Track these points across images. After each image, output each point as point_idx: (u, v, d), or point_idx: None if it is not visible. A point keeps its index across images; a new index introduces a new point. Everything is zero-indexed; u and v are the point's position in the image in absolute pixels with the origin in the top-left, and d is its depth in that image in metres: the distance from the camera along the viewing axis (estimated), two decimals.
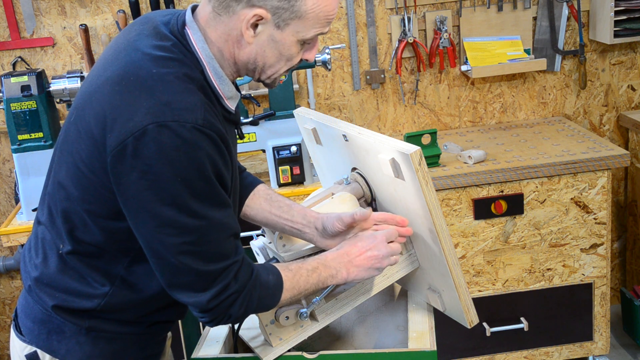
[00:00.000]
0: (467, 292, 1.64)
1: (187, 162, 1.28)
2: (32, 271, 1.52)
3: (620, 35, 3.06)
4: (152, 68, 1.33)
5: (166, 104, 1.29)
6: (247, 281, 1.42)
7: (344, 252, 1.57)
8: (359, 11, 3.13)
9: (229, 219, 1.39)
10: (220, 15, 1.36)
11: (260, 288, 1.44)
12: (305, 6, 1.35)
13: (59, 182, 1.45)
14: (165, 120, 1.27)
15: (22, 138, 2.62)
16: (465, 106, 3.29)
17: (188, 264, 1.34)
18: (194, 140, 1.28)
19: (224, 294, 1.38)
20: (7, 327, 3.41)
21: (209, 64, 1.39)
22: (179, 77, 1.33)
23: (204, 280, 1.37)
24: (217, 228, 1.36)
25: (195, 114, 1.30)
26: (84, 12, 3.03)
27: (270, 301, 1.48)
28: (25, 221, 2.67)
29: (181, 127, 1.27)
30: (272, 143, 2.74)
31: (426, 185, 1.50)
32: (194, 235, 1.33)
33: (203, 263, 1.35)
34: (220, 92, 1.42)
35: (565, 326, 2.96)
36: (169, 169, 1.27)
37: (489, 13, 3.14)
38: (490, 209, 2.79)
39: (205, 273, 1.36)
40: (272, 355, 1.61)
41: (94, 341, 1.49)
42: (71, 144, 1.42)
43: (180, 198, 1.30)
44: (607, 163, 2.76)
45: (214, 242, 1.36)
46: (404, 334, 1.71)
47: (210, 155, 1.31)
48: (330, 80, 3.20)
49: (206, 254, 1.36)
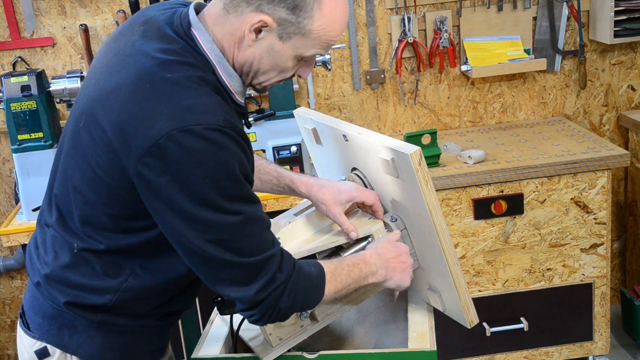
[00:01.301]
0: (467, 292, 1.64)
1: (214, 163, 1.30)
2: (41, 268, 1.53)
3: (620, 35, 3.06)
4: (166, 73, 1.34)
5: (186, 108, 1.30)
6: (291, 272, 1.44)
7: (380, 252, 1.61)
8: (359, 11, 3.13)
9: (261, 212, 1.42)
10: (229, 13, 1.37)
11: (305, 279, 1.46)
12: (311, 25, 1.36)
13: (73, 186, 1.46)
14: (188, 125, 1.29)
15: (22, 138, 2.62)
16: (465, 106, 3.29)
17: (229, 259, 1.36)
18: (218, 142, 1.30)
19: (271, 285, 1.40)
20: (7, 327, 3.41)
21: (219, 64, 1.41)
22: (194, 81, 1.35)
23: (249, 273, 1.39)
24: (252, 222, 1.38)
25: (216, 116, 1.32)
26: (84, 12, 3.03)
27: (316, 293, 1.49)
28: (25, 221, 2.67)
29: (204, 130, 1.29)
30: (272, 143, 2.74)
31: (426, 185, 1.50)
32: (231, 231, 1.35)
33: (244, 256, 1.37)
34: (232, 88, 1.44)
35: (565, 326, 2.96)
36: (197, 171, 1.30)
37: (489, 13, 3.14)
38: (490, 209, 2.79)
39: (248, 265, 1.38)
40: (272, 355, 1.62)
41: (105, 335, 1.51)
42: (85, 149, 1.42)
43: (212, 198, 1.32)
44: (607, 163, 2.76)
45: (252, 236, 1.38)
46: (404, 334, 1.71)
47: (235, 154, 1.34)
48: (330, 80, 3.20)
49: (246, 248, 1.38)
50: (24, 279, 3.30)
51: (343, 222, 1.64)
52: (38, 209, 2.62)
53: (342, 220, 1.64)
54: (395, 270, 1.61)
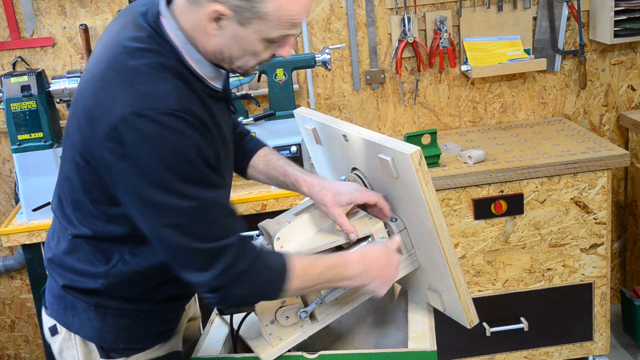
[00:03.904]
0: (467, 292, 1.64)
1: (168, 147, 1.34)
2: (47, 252, 1.65)
3: (620, 35, 3.06)
4: (130, 61, 1.39)
5: (143, 94, 1.35)
6: (253, 261, 1.44)
7: (367, 259, 1.60)
8: (359, 11, 3.13)
9: (222, 198, 1.44)
10: (191, 4, 1.40)
11: (268, 270, 1.47)
12: (265, 8, 1.36)
13: (65, 175, 1.54)
14: (141, 109, 1.33)
15: (22, 138, 2.62)
16: (465, 106, 3.29)
17: (187, 244, 1.39)
18: (171, 126, 1.34)
19: (228, 272, 1.41)
20: (7, 327, 3.41)
21: (185, 49, 1.43)
22: (154, 67, 1.38)
23: (206, 259, 1.40)
24: (210, 207, 1.40)
25: (169, 100, 1.35)
26: (84, 12, 3.03)
27: (278, 285, 1.49)
28: (25, 221, 2.67)
29: (157, 115, 1.33)
30: (272, 143, 2.73)
31: (426, 185, 1.50)
32: (188, 216, 1.37)
33: (202, 242, 1.39)
34: (202, 74, 1.46)
35: (565, 326, 2.96)
36: (153, 155, 1.33)
37: (489, 13, 3.14)
38: (490, 209, 2.79)
39: (207, 251, 1.40)
40: (272, 355, 1.62)
41: (102, 317, 1.57)
42: (69, 138, 1.51)
43: (167, 182, 1.35)
44: (607, 163, 2.76)
45: (210, 222, 1.40)
46: (404, 334, 1.71)
47: (191, 138, 1.36)
48: (330, 80, 3.20)
49: (204, 233, 1.39)
50: (24, 279, 3.30)
51: (343, 223, 1.64)
52: (38, 208, 2.63)
53: (341, 222, 1.64)
54: (375, 280, 1.60)
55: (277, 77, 2.79)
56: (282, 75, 2.79)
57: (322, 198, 1.66)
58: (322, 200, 1.66)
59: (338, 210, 1.64)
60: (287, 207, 2.64)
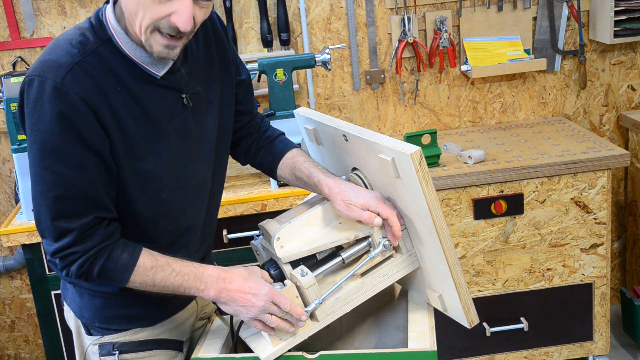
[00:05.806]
0: (467, 292, 1.64)
1: (43, 115, 1.41)
2: None
3: (620, 35, 3.06)
4: (59, 37, 1.50)
5: (43, 62, 1.43)
6: (92, 247, 1.49)
7: (223, 278, 1.56)
8: (359, 11, 3.13)
9: (82, 181, 1.46)
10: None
11: (107, 260, 1.51)
12: None
13: None
14: (33, 75, 1.42)
15: (22, 138, 2.62)
16: (465, 106, 3.29)
17: (40, 212, 1.47)
18: (49, 96, 1.40)
19: (65, 251, 1.48)
20: (7, 327, 3.41)
21: (116, 32, 1.48)
22: (70, 43, 1.45)
23: (51, 233, 1.48)
24: (66, 186, 1.44)
25: (58, 73, 1.41)
26: (84, 12, 3.03)
27: (118, 275, 1.52)
28: (25, 221, 2.67)
29: (42, 83, 1.41)
30: None
31: (426, 185, 1.50)
32: (44, 186, 1.44)
33: (50, 217, 1.46)
34: (134, 57, 1.49)
35: (565, 326, 2.96)
36: (30, 118, 1.43)
37: (489, 13, 3.14)
38: (490, 209, 2.79)
39: (52, 227, 1.47)
40: (272, 355, 1.61)
41: (80, 296, 1.68)
42: None
43: (37, 146, 1.43)
44: (607, 163, 2.76)
45: (62, 199, 1.45)
46: (404, 334, 1.71)
47: (64, 114, 1.40)
48: (330, 80, 3.20)
49: (54, 208, 1.45)
50: (24, 279, 3.30)
51: (361, 216, 1.60)
52: None
53: (359, 215, 1.61)
54: (235, 302, 1.55)
55: (277, 77, 2.79)
56: (282, 75, 2.79)
57: (340, 199, 1.64)
58: (338, 201, 1.64)
59: (353, 208, 1.62)
60: (287, 207, 2.64)
